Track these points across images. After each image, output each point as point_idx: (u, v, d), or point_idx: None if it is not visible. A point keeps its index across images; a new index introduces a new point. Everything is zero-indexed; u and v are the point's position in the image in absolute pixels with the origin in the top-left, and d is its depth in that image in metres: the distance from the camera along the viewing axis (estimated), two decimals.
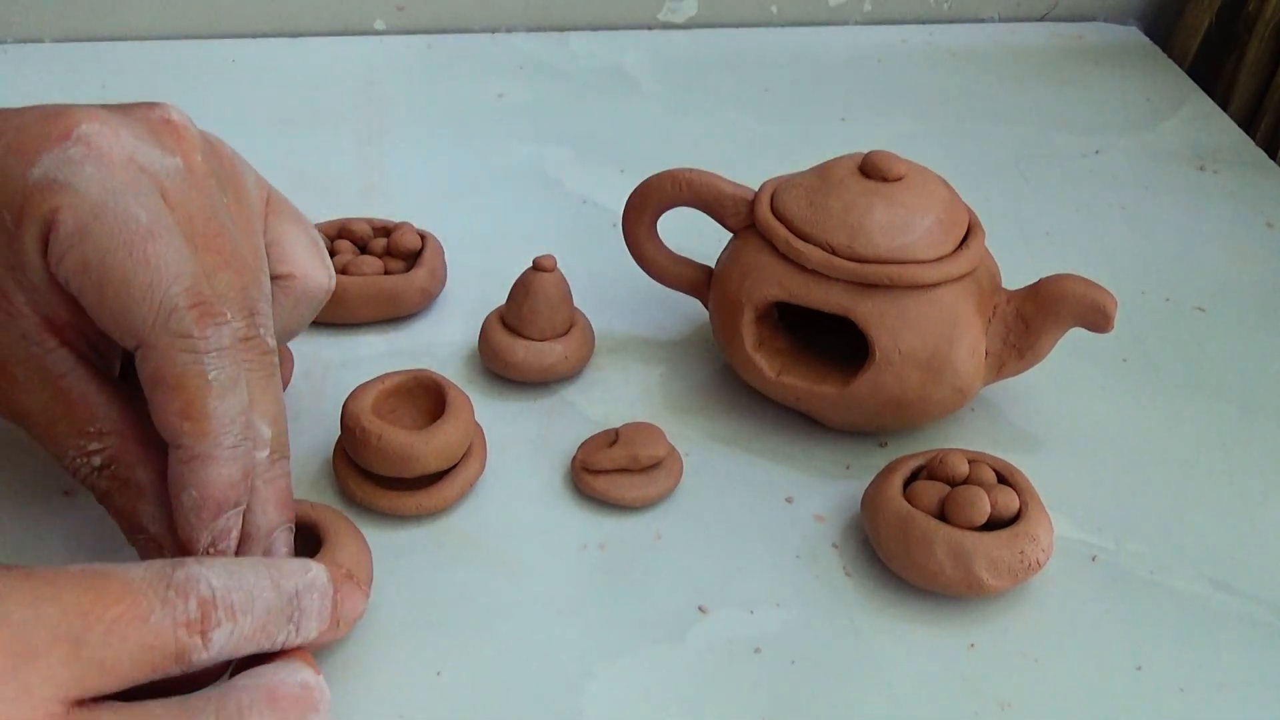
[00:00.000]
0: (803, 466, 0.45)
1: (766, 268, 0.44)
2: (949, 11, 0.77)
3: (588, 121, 0.66)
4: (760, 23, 0.76)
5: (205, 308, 0.32)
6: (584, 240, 0.56)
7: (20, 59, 0.67)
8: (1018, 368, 0.44)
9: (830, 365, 0.45)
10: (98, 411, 0.34)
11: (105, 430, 0.34)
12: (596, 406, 0.47)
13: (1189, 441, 0.47)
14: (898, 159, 0.44)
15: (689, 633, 0.39)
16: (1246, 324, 0.54)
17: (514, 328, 0.47)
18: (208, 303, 0.32)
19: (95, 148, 0.33)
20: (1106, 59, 0.75)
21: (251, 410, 0.34)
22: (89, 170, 0.32)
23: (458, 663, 0.38)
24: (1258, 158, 0.65)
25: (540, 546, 0.41)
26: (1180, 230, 0.60)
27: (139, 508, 0.34)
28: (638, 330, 0.51)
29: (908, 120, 0.68)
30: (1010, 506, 0.39)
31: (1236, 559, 0.42)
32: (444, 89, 0.68)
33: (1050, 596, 0.41)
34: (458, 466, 0.42)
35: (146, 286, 0.32)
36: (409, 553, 0.41)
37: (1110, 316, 0.42)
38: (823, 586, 0.41)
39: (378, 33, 0.73)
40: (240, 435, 0.33)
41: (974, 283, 0.44)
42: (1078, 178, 0.63)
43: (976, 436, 0.47)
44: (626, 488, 0.42)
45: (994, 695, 0.37)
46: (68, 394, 0.34)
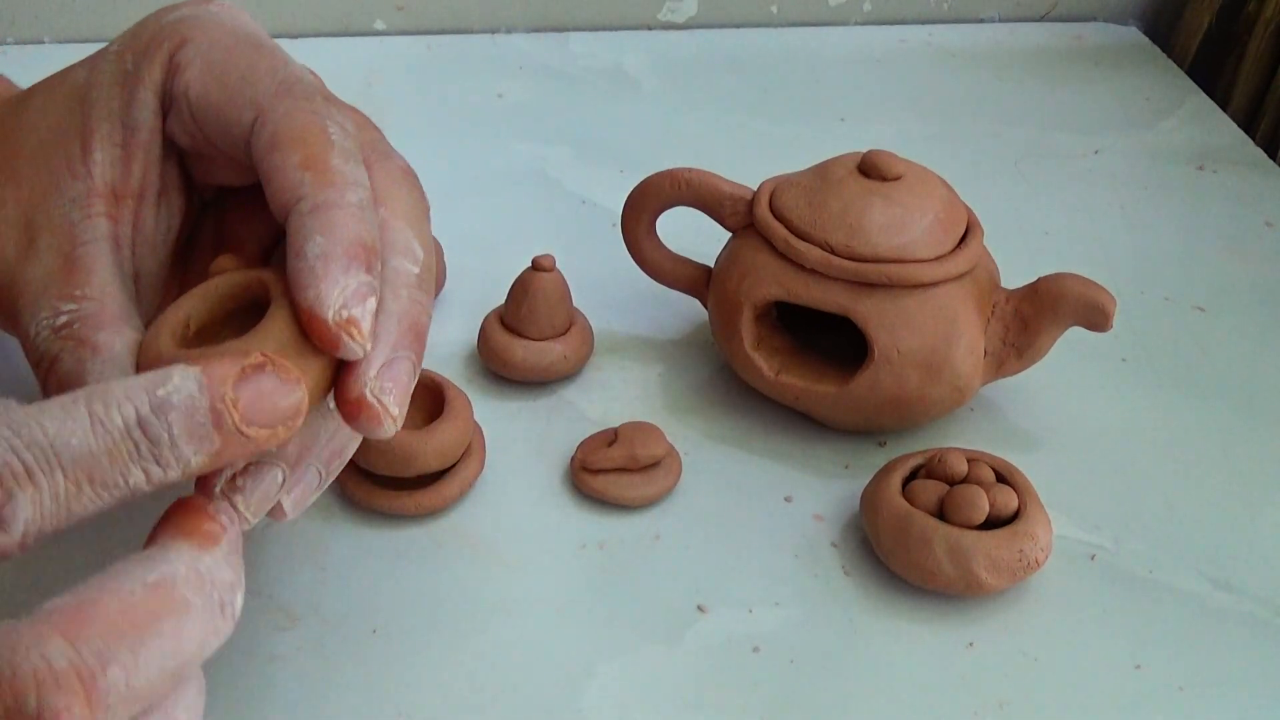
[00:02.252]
0: (802, 466, 0.45)
1: (765, 267, 0.44)
2: (949, 11, 0.77)
3: (588, 121, 0.66)
4: (760, 23, 0.76)
5: (328, 94, 0.33)
6: (583, 240, 0.56)
7: (20, 59, 0.67)
8: (1017, 367, 0.44)
9: (829, 365, 0.45)
10: (93, 278, 0.32)
11: (90, 295, 0.32)
12: (595, 406, 0.47)
13: (1188, 440, 0.47)
14: (896, 158, 0.44)
15: (688, 632, 0.39)
16: (1246, 324, 0.54)
17: (513, 327, 0.47)
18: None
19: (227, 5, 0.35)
20: (1106, 59, 0.75)
21: (396, 216, 0.32)
22: (216, 9, 0.34)
23: (457, 662, 0.38)
24: (1257, 158, 0.65)
25: (539, 546, 0.41)
26: (1180, 230, 0.60)
27: (87, 369, 0.30)
28: (637, 330, 0.51)
29: (907, 120, 0.68)
30: (1009, 505, 0.40)
31: (1236, 558, 0.42)
32: (444, 89, 0.68)
33: (1049, 595, 0.41)
34: (457, 466, 0.42)
35: (270, 67, 0.32)
36: (408, 552, 0.41)
37: (1109, 316, 0.43)
38: (822, 586, 0.41)
39: (378, 33, 0.73)
40: (365, 201, 0.30)
41: (973, 282, 0.44)
42: (1077, 177, 0.63)
43: (975, 436, 0.47)
44: (625, 487, 0.42)
45: (993, 694, 0.37)
46: (75, 262, 0.32)
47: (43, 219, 0.33)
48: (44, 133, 0.34)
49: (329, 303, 0.28)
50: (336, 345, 0.28)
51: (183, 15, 0.34)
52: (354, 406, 0.29)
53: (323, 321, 0.28)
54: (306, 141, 0.31)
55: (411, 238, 0.32)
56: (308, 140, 0.31)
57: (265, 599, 0.39)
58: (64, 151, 0.33)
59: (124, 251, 0.33)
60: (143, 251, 0.34)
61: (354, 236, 0.29)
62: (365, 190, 0.31)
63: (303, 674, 0.37)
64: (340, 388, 0.29)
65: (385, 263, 0.31)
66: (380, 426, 0.29)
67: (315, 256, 0.28)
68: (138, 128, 0.33)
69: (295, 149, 0.30)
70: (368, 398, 0.29)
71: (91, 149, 0.33)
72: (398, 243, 0.31)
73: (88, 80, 0.34)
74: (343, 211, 0.29)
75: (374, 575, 0.40)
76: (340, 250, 0.29)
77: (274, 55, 0.33)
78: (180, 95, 0.33)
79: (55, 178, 0.33)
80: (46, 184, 0.33)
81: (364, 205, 0.30)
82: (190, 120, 0.33)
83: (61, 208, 0.33)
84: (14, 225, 0.33)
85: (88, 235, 0.32)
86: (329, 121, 0.32)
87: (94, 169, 0.33)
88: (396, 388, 0.29)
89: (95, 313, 0.31)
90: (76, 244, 0.32)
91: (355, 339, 0.28)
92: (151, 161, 0.34)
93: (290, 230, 0.29)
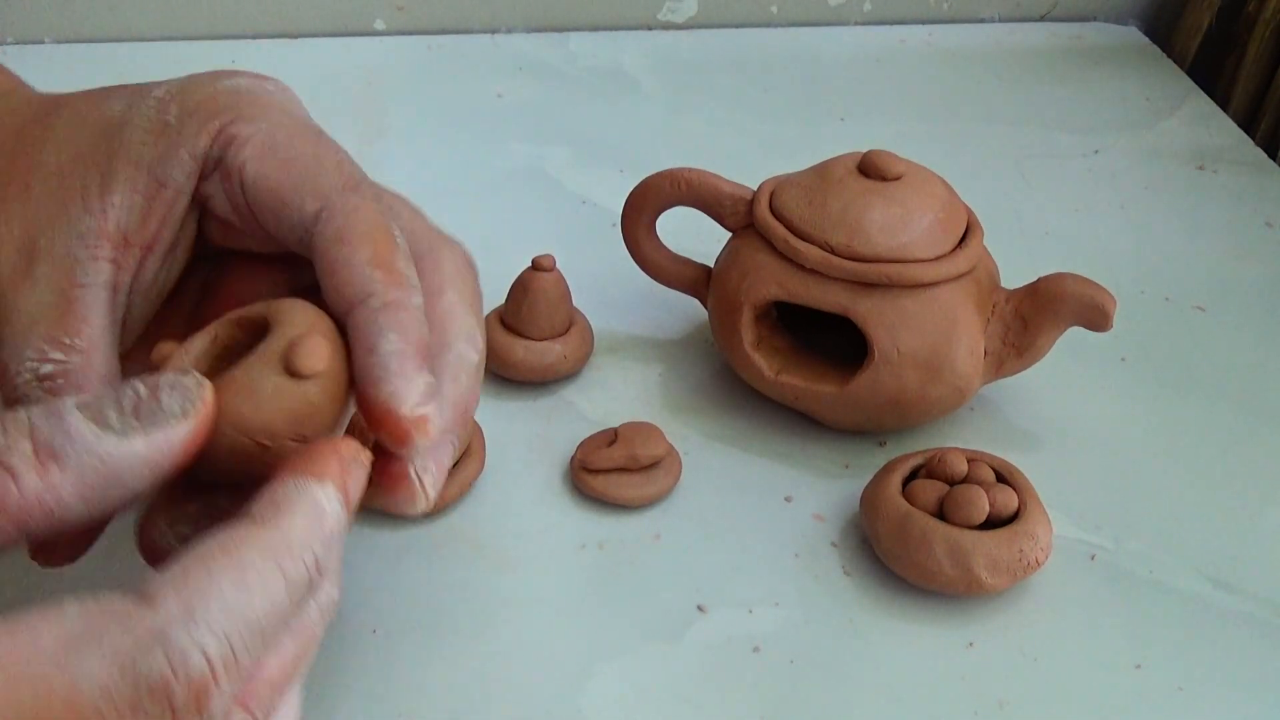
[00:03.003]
0: (802, 466, 0.45)
1: (765, 267, 0.44)
2: (949, 12, 0.77)
3: (587, 121, 0.66)
4: (760, 23, 0.76)
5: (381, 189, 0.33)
6: (583, 240, 0.56)
7: (20, 59, 0.67)
8: (1017, 367, 0.44)
9: (829, 364, 0.45)
10: (85, 327, 0.32)
11: (80, 347, 0.32)
12: (595, 406, 0.47)
13: (1188, 440, 0.47)
14: (896, 158, 0.44)
15: (688, 632, 0.39)
16: (1246, 324, 0.54)
17: (513, 327, 0.47)
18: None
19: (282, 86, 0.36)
20: (1106, 59, 0.75)
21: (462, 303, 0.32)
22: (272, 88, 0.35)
23: (457, 662, 0.38)
24: (1257, 158, 0.65)
25: (539, 546, 0.41)
26: (1180, 230, 0.60)
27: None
28: (637, 330, 0.51)
29: (907, 120, 0.68)
30: (1009, 505, 0.40)
31: (1236, 558, 0.42)
32: (444, 89, 0.68)
33: (1049, 595, 0.41)
34: (457, 466, 0.42)
35: (335, 161, 0.33)
36: (408, 552, 0.41)
37: (1109, 316, 0.43)
38: (822, 586, 0.41)
39: (378, 33, 0.73)
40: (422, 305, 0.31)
41: (973, 282, 0.44)
42: (1077, 177, 0.63)
43: (975, 435, 0.47)
44: (625, 487, 0.42)
45: (993, 694, 0.37)
46: (72, 301, 0.32)
47: (45, 245, 0.32)
48: (66, 157, 0.33)
49: (405, 399, 0.29)
50: (407, 441, 0.29)
51: (239, 86, 0.34)
52: (394, 480, 0.30)
53: (398, 417, 0.29)
54: (375, 240, 0.31)
55: (475, 326, 0.32)
56: (376, 239, 0.31)
57: None
58: (82, 183, 0.33)
59: (119, 298, 0.33)
60: (136, 300, 0.34)
61: (422, 339, 0.30)
62: (420, 295, 0.31)
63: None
64: (386, 461, 0.30)
65: (449, 348, 0.31)
66: (413, 503, 0.30)
67: (389, 354, 0.29)
68: (167, 183, 0.33)
69: (364, 246, 0.31)
70: (411, 476, 0.30)
71: (111, 190, 0.33)
72: (463, 330, 0.32)
73: (123, 118, 0.34)
74: (410, 314, 0.30)
75: (374, 575, 0.40)
76: (413, 350, 0.29)
77: (336, 148, 0.34)
78: (234, 169, 0.33)
79: (67, 208, 0.33)
80: (56, 211, 0.33)
81: (422, 310, 0.31)
82: (240, 195, 0.33)
83: (67, 240, 0.32)
84: (15, 243, 0.32)
85: (89, 277, 0.32)
86: (392, 223, 0.32)
87: (110, 211, 0.32)
88: (437, 469, 0.31)
89: (81, 369, 0.31)
90: (75, 284, 0.32)
91: (424, 436, 0.29)
92: (172, 218, 0.33)
93: (359, 324, 0.30)
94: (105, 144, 0.33)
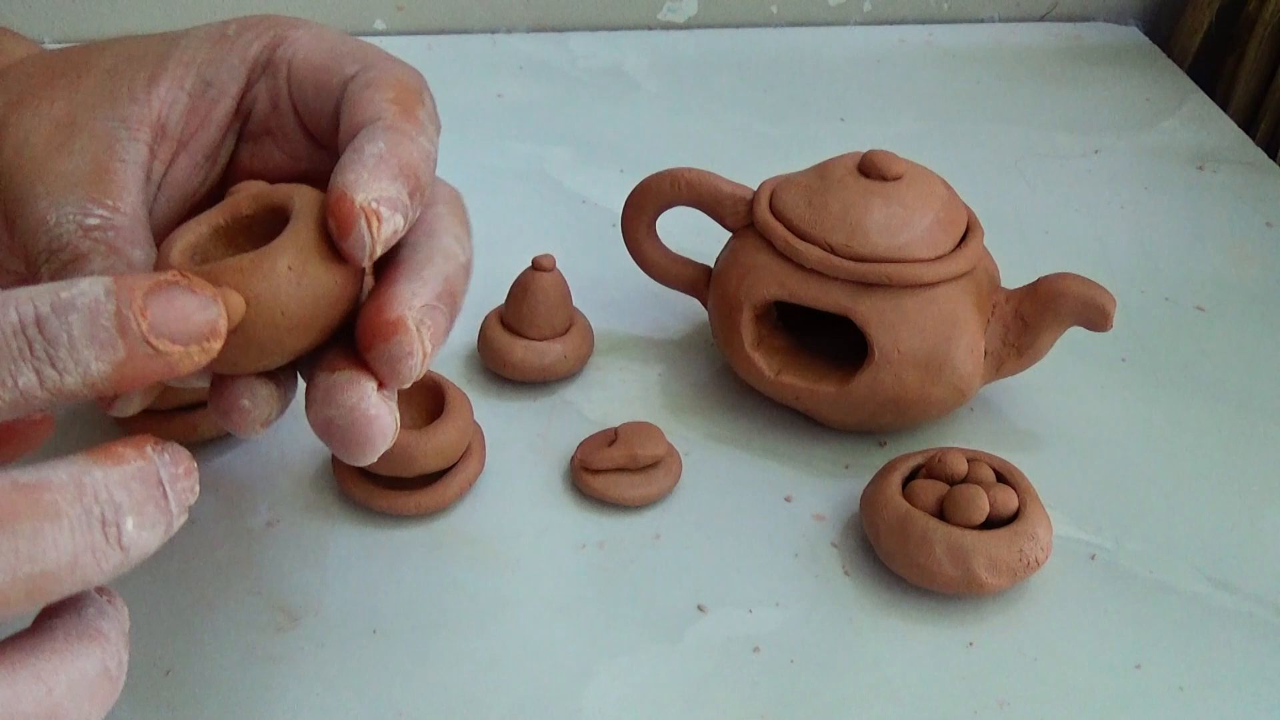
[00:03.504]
0: (802, 466, 0.45)
1: (765, 267, 0.44)
2: (949, 11, 0.77)
3: (588, 121, 0.66)
4: (760, 23, 0.76)
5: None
6: (583, 240, 0.56)
7: None
8: (1017, 367, 0.44)
9: (829, 364, 0.45)
10: (127, 195, 0.32)
11: (123, 210, 0.31)
12: (595, 406, 0.47)
13: (1188, 441, 0.47)
14: (896, 158, 0.44)
15: (688, 632, 0.39)
16: (1246, 324, 0.53)
17: (513, 327, 0.47)
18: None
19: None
20: (1106, 59, 0.75)
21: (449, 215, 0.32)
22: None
23: (457, 662, 0.38)
24: (1258, 158, 0.65)
25: (539, 546, 0.41)
26: (1180, 230, 0.60)
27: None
28: (637, 330, 0.51)
29: (907, 120, 0.68)
30: (1009, 505, 0.39)
31: (1236, 558, 0.42)
32: (444, 89, 0.68)
33: (1049, 595, 0.41)
34: (457, 466, 0.42)
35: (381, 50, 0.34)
36: (408, 552, 0.41)
37: (1109, 315, 0.43)
38: (822, 585, 0.41)
39: (378, 33, 0.73)
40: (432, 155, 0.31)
41: (973, 282, 0.44)
42: (1077, 177, 0.63)
43: (975, 435, 0.47)
44: (625, 487, 0.42)
45: (993, 693, 0.37)
46: (109, 172, 0.32)
47: (86, 121, 0.33)
48: (118, 59, 0.34)
49: (363, 189, 0.28)
50: (350, 228, 0.27)
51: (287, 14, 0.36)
52: (390, 326, 0.28)
53: (349, 201, 0.27)
54: (402, 87, 0.31)
55: (463, 234, 0.32)
56: (403, 87, 0.32)
57: (265, 599, 0.39)
58: (129, 77, 0.33)
59: (150, 187, 0.33)
60: (162, 196, 0.34)
61: (413, 161, 0.29)
62: (435, 150, 0.31)
63: (303, 674, 0.37)
64: (376, 309, 0.28)
65: (437, 236, 0.31)
66: (409, 359, 0.28)
67: (370, 154, 0.28)
68: (213, 83, 0.34)
69: (390, 89, 0.31)
70: (408, 320, 0.28)
71: (159, 82, 0.33)
72: (452, 230, 0.31)
73: (182, 33, 0.35)
74: (412, 141, 0.30)
75: (374, 575, 0.40)
76: (395, 161, 0.29)
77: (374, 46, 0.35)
78: (282, 61, 0.34)
79: (113, 95, 0.33)
80: (101, 97, 0.33)
81: (429, 154, 0.30)
82: (285, 82, 0.34)
83: (109, 122, 0.33)
84: (54, 120, 0.33)
85: (126, 155, 0.32)
86: (425, 90, 0.33)
87: (154, 101, 0.33)
88: (434, 328, 0.29)
89: (129, 227, 0.31)
90: (114, 157, 0.32)
91: (370, 231, 0.28)
92: (212, 121, 0.34)
93: (356, 138, 0.29)
94: (160, 48, 0.34)
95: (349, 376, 0.29)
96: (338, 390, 0.29)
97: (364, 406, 0.29)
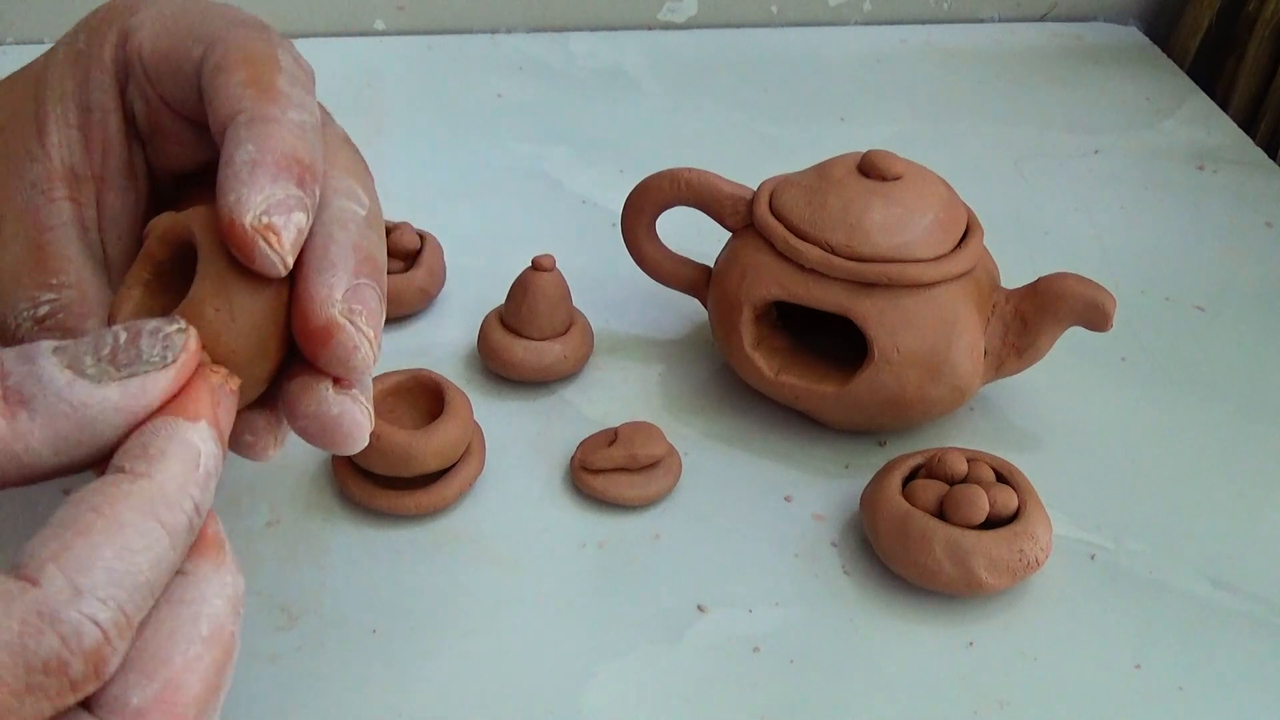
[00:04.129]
0: (801, 465, 0.45)
1: (765, 267, 0.44)
2: (948, 11, 0.77)
3: (588, 121, 0.66)
4: (760, 23, 0.76)
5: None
6: (583, 240, 0.56)
7: (20, 59, 0.67)
8: (1017, 366, 0.44)
9: (829, 364, 0.45)
10: (68, 265, 0.31)
11: (67, 283, 0.31)
12: (595, 406, 0.47)
13: (1188, 441, 0.47)
14: (896, 158, 0.44)
15: (688, 632, 0.39)
16: (1246, 324, 0.54)
17: (513, 327, 0.47)
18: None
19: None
20: (1106, 59, 0.75)
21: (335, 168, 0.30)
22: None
23: (457, 662, 0.38)
24: (1258, 158, 0.65)
25: (539, 546, 0.41)
26: (1180, 230, 0.60)
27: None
28: (636, 330, 0.51)
29: (907, 120, 0.68)
30: (1009, 505, 0.39)
31: (1236, 558, 0.42)
32: (444, 89, 0.68)
33: (1049, 595, 0.41)
34: (456, 466, 0.42)
35: (220, 13, 0.32)
36: (408, 552, 0.41)
37: (1109, 315, 0.43)
38: (821, 585, 0.41)
39: (378, 33, 0.73)
40: (309, 123, 0.29)
41: (973, 282, 0.44)
42: (1077, 177, 0.63)
43: (975, 435, 0.47)
44: (625, 487, 0.42)
45: (992, 693, 0.37)
46: (45, 249, 0.32)
47: (4, 206, 0.32)
48: (3, 120, 0.33)
49: (249, 207, 0.26)
50: (251, 252, 0.26)
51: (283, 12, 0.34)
52: (322, 332, 0.27)
53: (240, 227, 0.26)
54: (252, 63, 0.30)
55: (355, 185, 0.30)
56: (253, 61, 0.30)
57: (265, 599, 0.39)
58: (21, 137, 0.33)
59: (91, 235, 0.33)
60: (109, 236, 0.33)
61: (288, 150, 0.28)
62: (312, 115, 0.29)
63: (303, 674, 0.37)
64: (302, 317, 0.28)
65: (328, 204, 0.29)
66: (355, 352, 0.28)
67: (242, 164, 0.27)
68: (93, 107, 0.33)
69: (240, 69, 0.29)
70: (338, 318, 0.27)
71: (47, 131, 0.32)
72: (340, 188, 0.30)
73: (43, 65, 0.34)
74: (280, 126, 0.28)
75: (374, 575, 0.40)
76: (270, 160, 0.27)
77: (226, 7, 0.33)
78: (134, 58, 0.32)
79: (15, 163, 0.32)
80: (6, 171, 0.32)
81: (306, 126, 0.29)
82: (144, 80, 0.32)
83: (23, 193, 0.32)
84: None
85: (52, 220, 0.32)
86: (279, 50, 0.31)
87: (51, 151, 0.32)
88: (366, 310, 0.28)
89: (76, 301, 0.31)
90: (43, 230, 0.32)
91: (273, 247, 0.27)
92: (111, 141, 0.33)
93: (224, 144, 0.28)
94: (33, 92, 0.33)
95: (303, 383, 0.29)
96: (298, 400, 0.29)
97: (325, 409, 0.29)
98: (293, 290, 0.28)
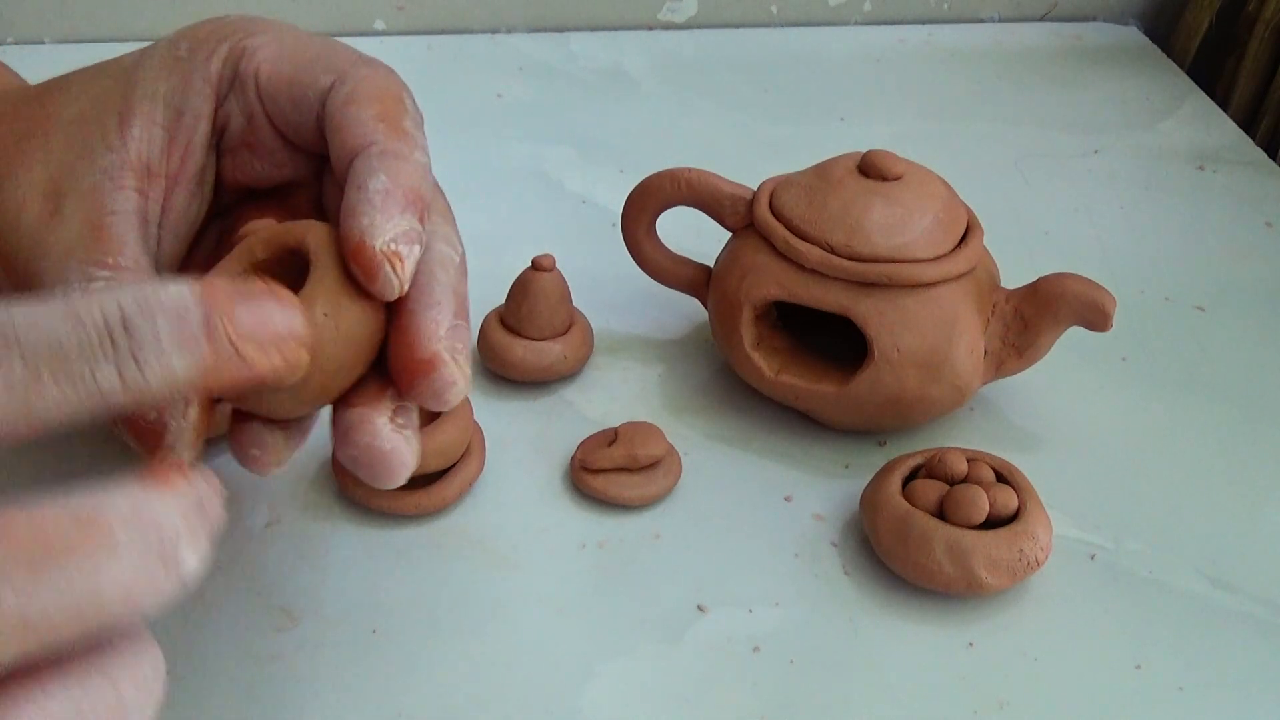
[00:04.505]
0: (802, 465, 0.45)
1: (765, 267, 0.44)
2: (948, 11, 0.77)
3: (588, 121, 0.66)
4: (760, 23, 0.76)
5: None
6: (583, 240, 0.56)
7: (20, 59, 0.67)
8: (1017, 367, 0.44)
9: (829, 364, 0.45)
10: (125, 249, 0.32)
11: (124, 265, 0.32)
12: (595, 406, 0.47)
13: (1188, 441, 0.47)
14: (896, 158, 0.44)
15: (688, 631, 0.39)
16: (1246, 324, 0.53)
17: (513, 327, 0.47)
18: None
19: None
20: (1106, 59, 0.75)
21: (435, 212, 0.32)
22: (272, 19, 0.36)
23: (457, 662, 0.38)
24: (1257, 158, 0.65)
25: (539, 545, 0.41)
26: (1180, 230, 0.60)
27: None
28: (637, 330, 0.51)
29: (907, 120, 0.68)
30: (1009, 505, 0.39)
31: (1236, 558, 0.42)
32: (444, 89, 0.68)
33: (1049, 595, 0.41)
34: (456, 466, 0.42)
35: (345, 48, 0.34)
36: (408, 552, 0.41)
37: (1109, 315, 0.43)
38: (822, 585, 0.41)
39: (378, 33, 0.73)
40: (428, 165, 0.31)
41: (973, 282, 0.44)
42: (1077, 177, 0.63)
43: (975, 435, 0.47)
44: (625, 487, 0.42)
45: (993, 694, 0.37)
46: (105, 229, 0.32)
47: (70, 185, 0.33)
48: (82, 106, 0.34)
49: (380, 233, 0.28)
50: (377, 275, 0.28)
51: (244, 15, 0.35)
52: (427, 364, 0.29)
53: (370, 249, 0.28)
54: (384, 100, 0.32)
55: (451, 232, 0.32)
56: (385, 99, 0.32)
57: (265, 599, 0.39)
58: (100, 125, 0.33)
59: (150, 229, 0.33)
60: (166, 235, 0.34)
61: (416, 185, 0.30)
62: (428, 157, 0.31)
63: (303, 674, 0.37)
64: (409, 347, 0.29)
65: (430, 246, 0.31)
66: (452, 387, 0.29)
67: (376, 191, 0.29)
68: (185, 111, 0.34)
69: (372, 104, 0.31)
70: (443, 353, 0.29)
71: (130, 124, 0.33)
72: (439, 233, 0.32)
73: (135, 63, 0.35)
74: (409, 164, 0.30)
75: (374, 575, 0.40)
76: (400, 193, 0.29)
77: (345, 45, 0.35)
78: (249, 76, 0.34)
79: (88, 148, 0.33)
80: (78, 153, 0.33)
81: (426, 168, 0.31)
82: (255, 98, 0.34)
83: (92, 176, 0.33)
84: (39, 190, 0.33)
85: (117, 205, 0.32)
86: (404, 92, 0.33)
87: (130, 143, 0.33)
88: (464, 348, 0.30)
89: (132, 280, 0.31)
90: (105, 212, 0.32)
91: (396, 273, 0.28)
92: (194, 146, 0.34)
93: (355, 170, 0.30)
94: (121, 87, 0.34)
95: (361, 415, 0.30)
96: (353, 431, 0.30)
97: (379, 444, 0.29)
98: (395, 321, 0.30)
